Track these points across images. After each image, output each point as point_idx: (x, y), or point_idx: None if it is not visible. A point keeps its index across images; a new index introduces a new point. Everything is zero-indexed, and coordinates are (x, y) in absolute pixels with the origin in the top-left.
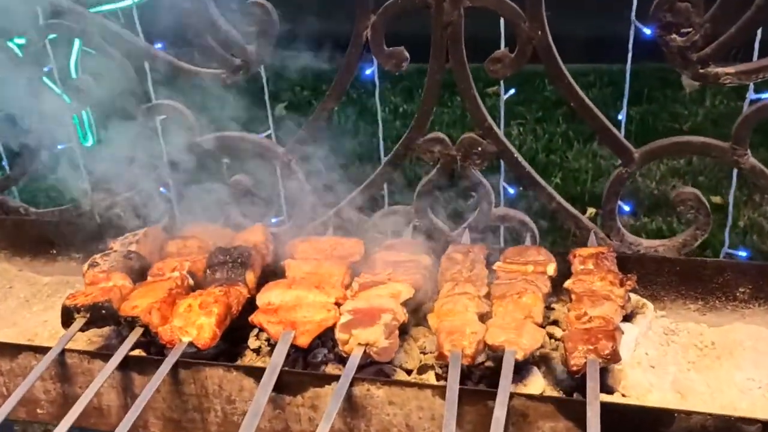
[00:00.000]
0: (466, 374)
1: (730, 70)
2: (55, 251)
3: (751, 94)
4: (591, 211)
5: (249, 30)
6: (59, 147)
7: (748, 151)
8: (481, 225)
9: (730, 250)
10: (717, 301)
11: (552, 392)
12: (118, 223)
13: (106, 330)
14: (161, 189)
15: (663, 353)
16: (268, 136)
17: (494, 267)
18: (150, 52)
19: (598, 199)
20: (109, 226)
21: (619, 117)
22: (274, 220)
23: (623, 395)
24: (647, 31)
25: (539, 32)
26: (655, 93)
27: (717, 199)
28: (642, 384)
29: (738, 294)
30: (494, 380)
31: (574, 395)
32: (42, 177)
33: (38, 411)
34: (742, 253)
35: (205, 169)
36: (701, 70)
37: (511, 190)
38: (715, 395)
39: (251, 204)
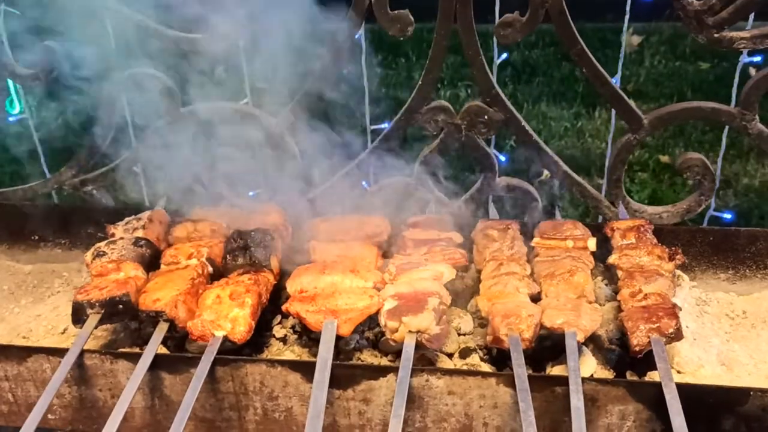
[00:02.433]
0: (508, 356)
1: (745, 34)
2: (36, 237)
3: (744, 58)
4: (546, 174)
5: None
6: (9, 120)
7: (756, 117)
8: (484, 195)
9: (716, 213)
10: (747, 270)
11: (603, 372)
12: (92, 202)
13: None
14: (137, 165)
15: (701, 325)
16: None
17: (532, 243)
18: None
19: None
20: (89, 207)
21: (613, 80)
22: (251, 194)
23: (678, 372)
24: None
25: None
26: (595, 54)
27: (665, 158)
28: (692, 359)
29: None
30: (537, 360)
31: (627, 374)
32: None
33: (49, 416)
34: (727, 215)
35: (187, 141)
36: (716, 35)
37: (503, 158)
38: (760, 366)
39: (234, 176)
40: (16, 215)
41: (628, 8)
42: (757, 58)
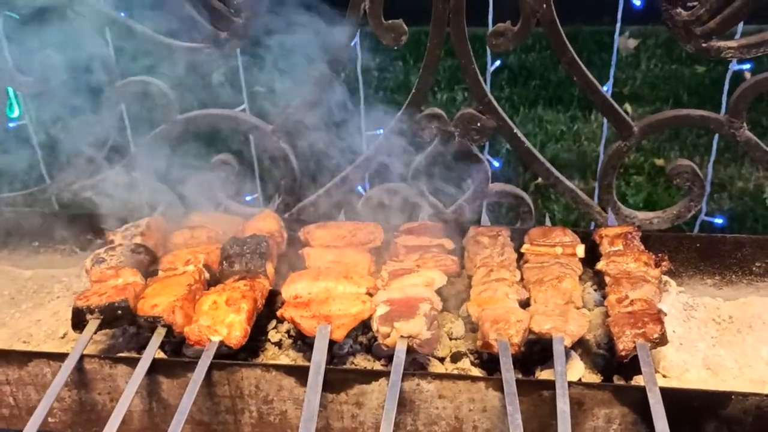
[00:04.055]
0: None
1: (732, 44)
2: (37, 243)
3: (733, 65)
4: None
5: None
6: (9, 125)
7: (744, 124)
8: (477, 201)
9: (707, 218)
10: (733, 276)
11: (591, 375)
12: (91, 208)
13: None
14: (136, 172)
15: (687, 329)
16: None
17: (522, 249)
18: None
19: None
20: (88, 213)
21: (604, 88)
22: (248, 198)
23: (664, 376)
24: (637, 2)
25: (544, 5)
26: (592, 57)
27: (660, 162)
28: (678, 363)
29: (754, 268)
30: (526, 365)
31: (614, 378)
32: None
33: (49, 420)
34: (719, 220)
35: (185, 148)
36: (704, 44)
37: (497, 164)
38: (744, 370)
39: (230, 183)
40: (16, 221)
41: (620, 14)
42: (747, 66)
